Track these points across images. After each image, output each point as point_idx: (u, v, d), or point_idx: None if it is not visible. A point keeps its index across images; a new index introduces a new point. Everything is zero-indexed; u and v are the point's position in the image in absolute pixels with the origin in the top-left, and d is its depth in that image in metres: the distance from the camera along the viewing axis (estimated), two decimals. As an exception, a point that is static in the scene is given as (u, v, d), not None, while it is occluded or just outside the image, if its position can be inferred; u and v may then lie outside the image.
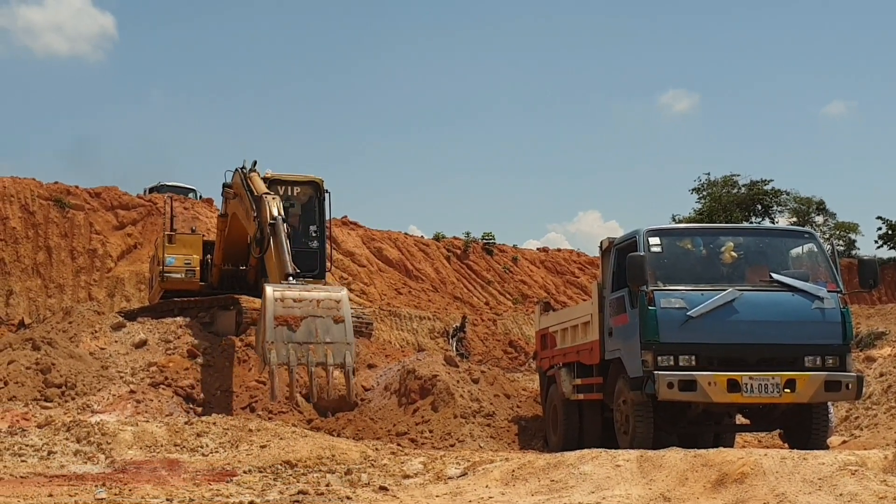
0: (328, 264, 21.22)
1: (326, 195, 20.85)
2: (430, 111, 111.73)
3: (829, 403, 12.50)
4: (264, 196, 17.03)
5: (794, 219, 52.47)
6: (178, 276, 21.66)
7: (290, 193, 20.96)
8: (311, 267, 20.64)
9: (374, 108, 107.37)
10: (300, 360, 14.11)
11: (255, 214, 17.06)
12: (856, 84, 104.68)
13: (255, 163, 18.56)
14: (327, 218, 21.12)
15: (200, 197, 40.87)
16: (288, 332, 14.11)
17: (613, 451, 9.95)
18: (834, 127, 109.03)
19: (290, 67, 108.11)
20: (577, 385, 14.08)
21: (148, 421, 13.43)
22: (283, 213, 16.85)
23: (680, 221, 48.23)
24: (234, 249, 20.78)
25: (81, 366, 16.73)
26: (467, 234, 48.08)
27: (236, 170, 18.65)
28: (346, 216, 44.14)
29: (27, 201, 36.49)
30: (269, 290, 14.31)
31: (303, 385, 17.08)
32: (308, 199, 21.05)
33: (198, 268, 21.77)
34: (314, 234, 21.06)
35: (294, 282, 14.97)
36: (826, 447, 12.07)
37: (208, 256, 21.88)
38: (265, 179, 19.95)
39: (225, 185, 19.41)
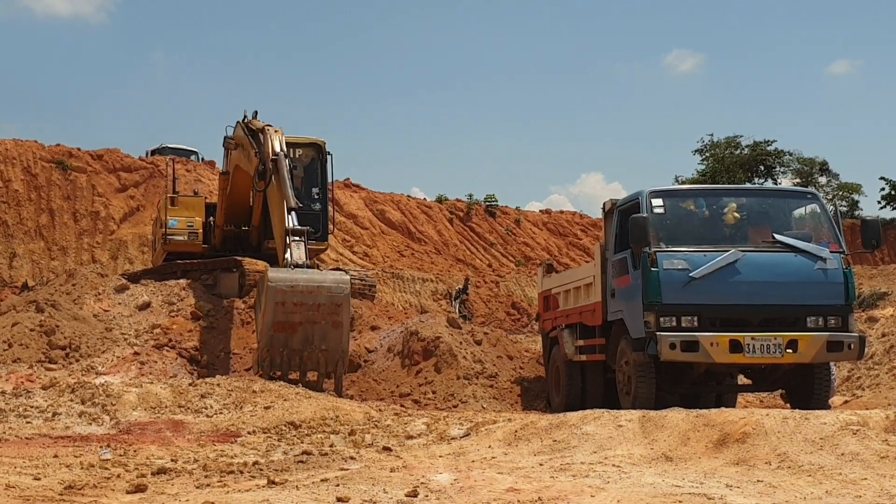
0: (331, 226, 21.20)
1: (329, 157, 20.77)
2: (434, 73, 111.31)
3: (831, 364, 12.54)
4: (266, 128, 17.00)
5: (797, 180, 52.43)
6: (181, 238, 21.65)
7: (292, 156, 20.89)
8: (314, 230, 20.62)
9: (377, 70, 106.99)
10: (293, 368, 14.39)
11: (256, 150, 17.02)
12: (862, 42, 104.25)
13: (255, 113, 18.53)
14: (329, 180, 21.05)
15: (203, 159, 40.80)
16: (285, 339, 14.17)
17: (615, 411, 9.98)
18: (838, 86, 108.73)
19: (294, 30, 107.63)
20: (580, 346, 14.12)
21: (152, 382, 13.47)
22: (284, 148, 16.74)
23: (683, 183, 48.15)
24: (236, 209, 20.73)
25: (85, 328, 16.77)
26: (470, 196, 48.09)
27: (237, 122, 18.61)
28: (348, 178, 44.10)
29: (29, 164, 36.45)
30: (272, 289, 14.12)
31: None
32: (310, 162, 20.97)
33: (200, 230, 21.74)
34: (317, 197, 21.01)
35: (299, 271, 14.53)
36: (828, 407, 12.11)
37: (211, 218, 21.86)
38: None
39: (226, 138, 19.35)
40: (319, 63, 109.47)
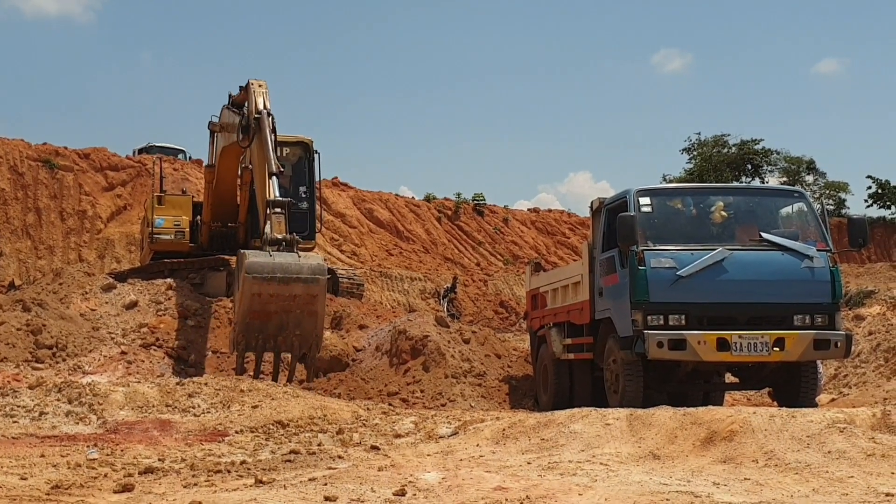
0: (318, 225, 21.17)
1: (316, 156, 20.74)
2: (422, 72, 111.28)
3: (818, 362, 12.57)
4: (250, 83, 16.72)
5: (785, 178, 52.57)
6: (168, 237, 21.57)
7: (279, 154, 20.86)
8: (301, 228, 20.59)
9: (366, 69, 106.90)
10: (267, 350, 14.54)
11: (239, 112, 16.84)
12: (849, 41, 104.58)
13: (230, 96, 18.57)
14: (317, 179, 21.03)
15: (190, 158, 40.67)
16: (260, 326, 14.22)
17: (603, 409, 10.00)
18: (826, 85, 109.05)
19: (282, 29, 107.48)
20: (568, 345, 14.13)
21: (139, 382, 13.43)
22: (269, 106, 16.34)
23: (670, 181, 48.24)
24: (222, 205, 20.64)
25: (72, 327, 16.71)
26: (458, 195, 48.04)
27: (223, 106, 18.66)
28: (336, 177, 44.01)
29: (16, 162, 36.28)
30: (248, 279, 14.00)
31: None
32: (297, 160, 20.95)
33: (187, 229, 21.67)
34: (304, 195, 20.98)
35: (277, 258, 14.23)
36: (815, 405, 12.15)
37: (198, 217, 21.80)
38: None
39: (211, 122, 19.31)
40: (308, 62, 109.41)
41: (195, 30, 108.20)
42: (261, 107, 16.19)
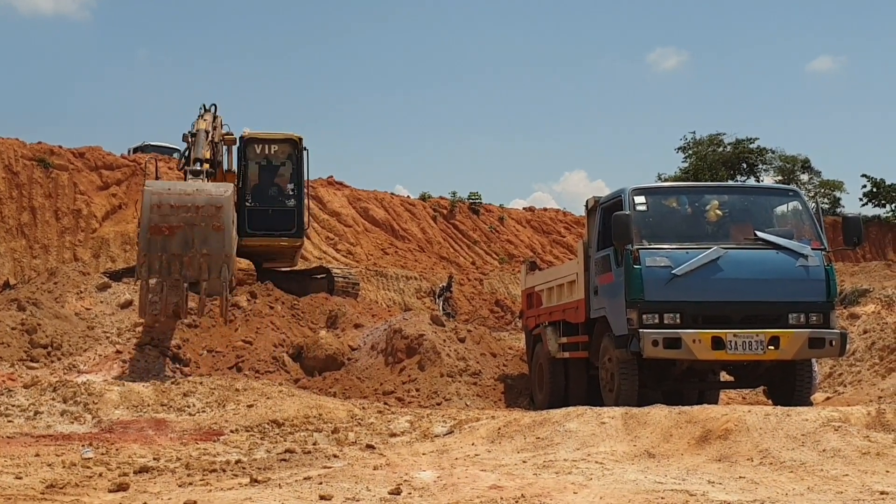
0: (306, 221, 21.09)
1: (305, 153, 20.71)
2: (417, 71, 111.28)
3: (813, 360, 12.58)
4: (197, 121, 18.20)
5: (780, 177, 52.60)
6: None
7: (268, 152, 20.89)
8: (288, 226, 20.59)
9: (361, 67, 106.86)
10: (174, 275, 13.99)
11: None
12: (844, 38, 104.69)
13: (214, 106, 19.56)
14: (306, 176, 20.99)
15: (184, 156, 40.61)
16: (163, 243, 13.82)
17: (598, 408, 10.02)
18: (821, 83, 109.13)
19: (277, 27, 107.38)
20: (563, 343, 14.13)
21: (134, 381, 13.43)
22: (211, 127, 18.06)
23: (665, 180, 48.26)
24: None
25: (67, 326, 16.69)
26: (453, 193, 47.98)
27: (198, 116, 19.28)
28: (331, 176, 43.97)
29: (10, 161, 36.19)
30: (146, 194, 13.93)
31: (290, 346, 17.15)
32: (287, 157, 20.94)
33: None
34: (292, 193, 20.97)
35: (178, 182, 14.86)
36: (810, 404, 12.15)
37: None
38: (241, 139, 20.14)
39: (184, 135, 19.61)
40: (303, 61, 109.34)
41: (191, 28, 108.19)
42: (199, 127, 17.99)
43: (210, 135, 18.25)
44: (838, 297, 16.12)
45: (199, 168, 16.80)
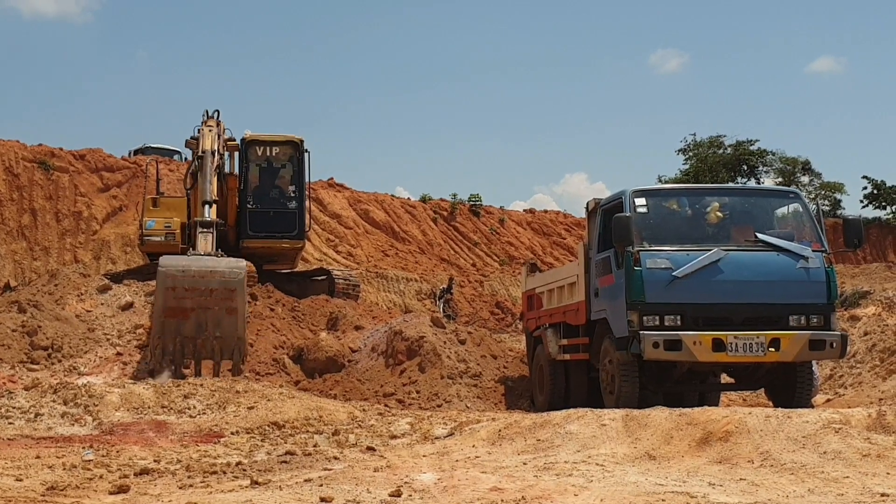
0: (307, 223, 21.10)
1: (306, 155, 20.72)
2: (418, 73, 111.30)
3: (814, 362, 12.59)
4: (202, 128, 18.14)
5: (780, 179, 52.58)
6: (158, 239, 21.37)
7: (269, 154, 20.91)
8: (289, 228, 20.61)
9: (362, 69, 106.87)
10: (186, 356, 14.16)
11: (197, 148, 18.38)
12: (845, 39, 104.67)
13: (217, 112, 19.71)
14: (307, 178, 21.01)
15: (186, 159, 40.62)
16: (177, 325, 13.98)
17: (599, 410, 10.01)
18: (821, 84, 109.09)
19: (278, 29, 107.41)
20: (564, 345, 14.13)
21: (135, 383, 13.43)
22: (214, 145, 18.05)
23: (666, 182, 48.26)
24: None
25: (68, 328, 16.68)
26: (454, 195, 47.99)
27: (202, 121, 19.28)
28: (332, 178, 44.00)
29: (11, 163, 36.22)
30: (160, 276, 14.06)
31: (290, 347, 17.15)
32: (288, 159, 20.96)
33: (178, 230, 21.54)
34: (293, 195, 20.98)
35: (192, 257, 14.93)
36: (810, 406, 12.16)
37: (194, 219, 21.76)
38: (243, 140, 20.16)
39: (187, 140, 19.76)
40: (303, 63, 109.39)
41: (192, 31, 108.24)
42: (206, 147, 17.92)
43: (215, 156, 18.39)
44: (839, 299, 16.12)
45: (208, 220, 16.85)
